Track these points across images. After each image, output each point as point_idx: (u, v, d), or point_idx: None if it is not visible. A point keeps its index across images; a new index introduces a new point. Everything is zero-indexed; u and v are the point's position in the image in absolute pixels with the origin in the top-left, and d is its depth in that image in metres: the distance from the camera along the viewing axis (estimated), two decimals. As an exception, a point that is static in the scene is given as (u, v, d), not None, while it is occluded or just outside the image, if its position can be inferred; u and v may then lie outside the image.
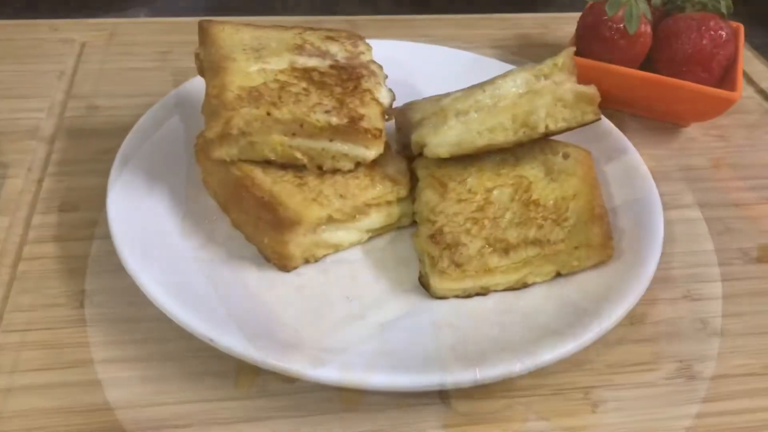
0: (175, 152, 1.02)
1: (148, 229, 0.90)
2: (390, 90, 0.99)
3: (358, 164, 0.93)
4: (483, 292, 0.87)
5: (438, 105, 0.94)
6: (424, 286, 0.88)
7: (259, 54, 0.95)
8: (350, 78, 0.96)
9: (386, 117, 0.98)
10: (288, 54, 0.97)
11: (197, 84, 1.06)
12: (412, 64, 1.22)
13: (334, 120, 0.89)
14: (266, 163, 0.91)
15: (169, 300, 0.79)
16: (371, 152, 0.92)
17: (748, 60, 1.42)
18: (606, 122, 1.09)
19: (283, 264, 0.89)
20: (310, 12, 1.58)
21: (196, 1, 1.62)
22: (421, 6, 1.64)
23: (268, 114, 0.87)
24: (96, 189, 0.99)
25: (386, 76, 1.00)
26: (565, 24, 1.49)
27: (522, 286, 0.88)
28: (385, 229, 0.96)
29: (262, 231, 0.88)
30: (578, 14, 1.26)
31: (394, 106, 1.00)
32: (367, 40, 1.12)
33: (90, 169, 1.05)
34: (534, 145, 0.97)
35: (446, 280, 0.85)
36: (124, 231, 0.87)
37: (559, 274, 0.89)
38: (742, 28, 1.25)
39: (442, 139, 0.92)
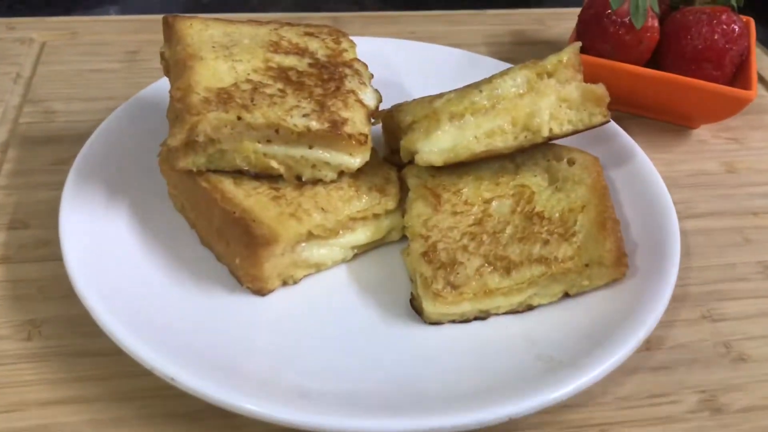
0: (138, 162, 0.92)
1: (105, 249, 0.80)
2: (376, 91, 0.90)
3: (341, 173, 0.84)
4: (482, 316, 0.78)
5: (430, 107, 0.84)
6: (416, 310, 0.78)
7: (230, 52, 0.86)
8: (332, 78, 0.86)
9: (372, 120, 0.89)
10: (262, 51, 0.87)
11: (165, 86, 0.96)
12: (401, 63, 1.13)
13: (314, 125, 0.79)
14: (238, 174, 0.82)
15: (126, 332, 0.70)
16: (356, 160, 0.83)
17: (757, 57, 1.33)
18: (612, 124, 0.99)
19: (258, 287, 0.79)
20: (291, 9, 1.49)
21: (170, -2, 1.52)
22: (410, 2, 1.55)
23: (239, 118, 0.77)
24: (50, 203, 0.89)
25: (372, 76, 0.91)
26: (562, 20, 1.40)
27: (526, 308, 0.79)
28: (372, 245, 0.86)
29: (233, 250, 0.79)
30: (577, 10, 1.17)
31: (381, 108, 0.91)
32: (352, 37, 1.03)
33: (44, 182, 0.95)
34: (536, 150, 0.88)
35: (441, 303, 0.75)
36: (78, 252, 0.78)
37: (567, 295, 0.80)
38: (752, 22, 1.17)
39: (435, 145, 0.83)
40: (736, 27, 1.05)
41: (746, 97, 1.02)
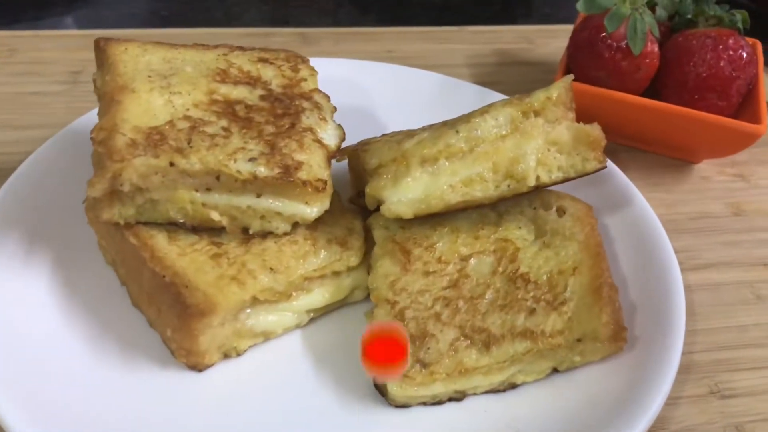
0: (67, 206, 0.80)
1: (16, 312, 0.69)
2: (339, 126, 0.78)
3: (295, 225, 0.72)
4: (458, 396, 0.67)
5: (399, 149, 0.73)
6: (379, 390, 0.67)
7: (168, 82, 0.74)
8: (286, 113, 0.75)
9: (336, 158, 0.78)
10: (206, 81, 0.76)
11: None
12: (372, 89, 1.02)
13: (262, 170, 0.68)
14: (174, 226, 0.70)
15: (27, 427, 0.58)
16: (313, 210, 0.71)
17: (765, 83, 1.22)
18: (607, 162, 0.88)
19: (194, 362, 0.67)
20: (258, 23, 1.37)
21: (129, 8, 1.39)
22: (387, 17, 1.44)
23: (172, 164, 0.66)
24: (-36, 253, 0.77)
25: (335, 109, 0.80)
26: (552, 38, 1.29)
27: (508, 387, 0.68)
28: (331, 308, 0.75)
29: (164, 320, 0.67)
30: (568, 27, 1.07)
31: (348, 143, 0.80)
32: (318, 59, 0.92)
33: (-41, 226, 0.83)
34: (521, 196, 0.77)
35: (408, 385, 0.64)
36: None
37: (555, 370, 0.69)
38: (759, 45, 1.06)
39: (404, 194, 0.71)
40: (743, 53, 0.95)
41: (755, 132, 0.91)
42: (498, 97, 0.97)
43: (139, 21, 1.35)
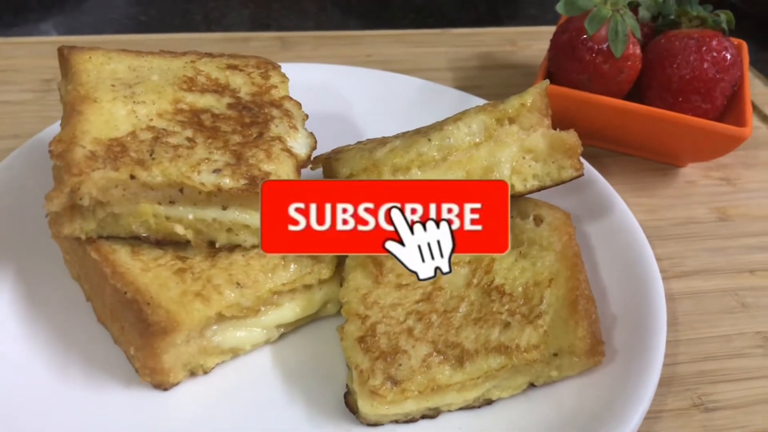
0: (33, 218, 0.77)
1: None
2: (310, 135, 0.76)
3: (265, 237, 0.70)
4: (431, 414, 0.65)
5: (371, 158, 0.71)
6: (350, 408, 0.65)
7: (133, 91, 0.72)
8: (255, 122, 0.73)
9: (311, 167, 0.76)
10: (172, 90, 0.74)
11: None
12: (350, 95, 1.00)
13: (227, 182, 0.66)
14: (137, 241, 0.68)
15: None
16: (282, 221, 0.69)
17: (750, 82, 1.20)
18: (587, 168, 0.86)
19: (158, 381, 0.65)
20: (239, 26, 1.35)
21: (107, 12, 1.37)
22: (371, 20, 1.42)
23: (132, 177, 0.63)
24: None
25: (306, 117, 0.77)
26: (536, 40, 1.27)
27: (484, 403, 0.66)
28: (302, 322, 0.73)
29: (127, 337, 0.65)
30: (551, 28, 1.05)
31: (324, 151, 0.78)
32: (294, 64, 0.90)
33: None
34: (497, 205, 0.74)
35: (379, 403, 0.62)
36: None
37: (532, 385, 0.67)
38: (745, 45, 1.04)
39: (375, 204, 0.69)
40: (727, 54, 0.93)
41: (740, 135, 0.89)
42: (478, 102, 0.95)
43: (117, 26, 1.33)
